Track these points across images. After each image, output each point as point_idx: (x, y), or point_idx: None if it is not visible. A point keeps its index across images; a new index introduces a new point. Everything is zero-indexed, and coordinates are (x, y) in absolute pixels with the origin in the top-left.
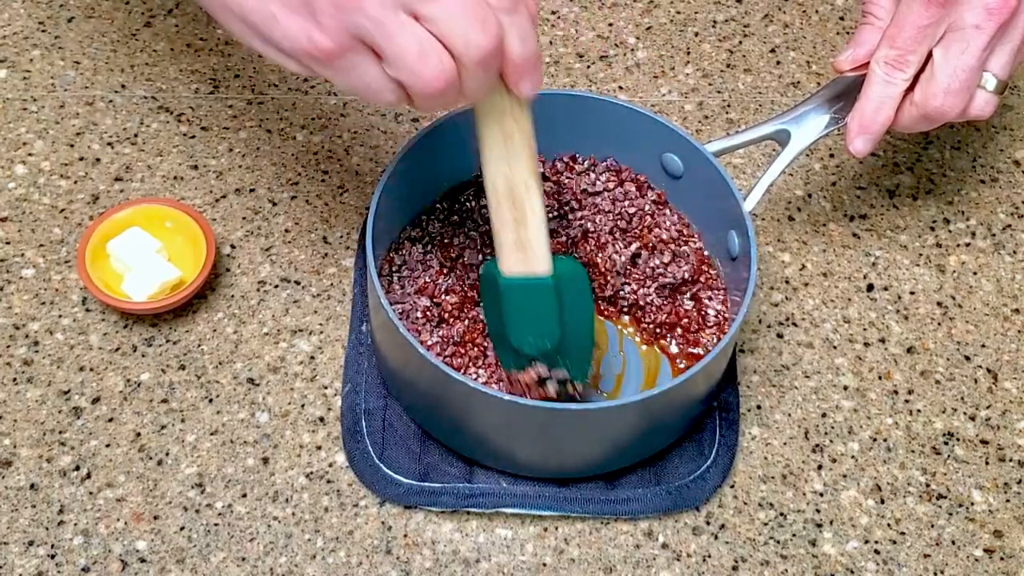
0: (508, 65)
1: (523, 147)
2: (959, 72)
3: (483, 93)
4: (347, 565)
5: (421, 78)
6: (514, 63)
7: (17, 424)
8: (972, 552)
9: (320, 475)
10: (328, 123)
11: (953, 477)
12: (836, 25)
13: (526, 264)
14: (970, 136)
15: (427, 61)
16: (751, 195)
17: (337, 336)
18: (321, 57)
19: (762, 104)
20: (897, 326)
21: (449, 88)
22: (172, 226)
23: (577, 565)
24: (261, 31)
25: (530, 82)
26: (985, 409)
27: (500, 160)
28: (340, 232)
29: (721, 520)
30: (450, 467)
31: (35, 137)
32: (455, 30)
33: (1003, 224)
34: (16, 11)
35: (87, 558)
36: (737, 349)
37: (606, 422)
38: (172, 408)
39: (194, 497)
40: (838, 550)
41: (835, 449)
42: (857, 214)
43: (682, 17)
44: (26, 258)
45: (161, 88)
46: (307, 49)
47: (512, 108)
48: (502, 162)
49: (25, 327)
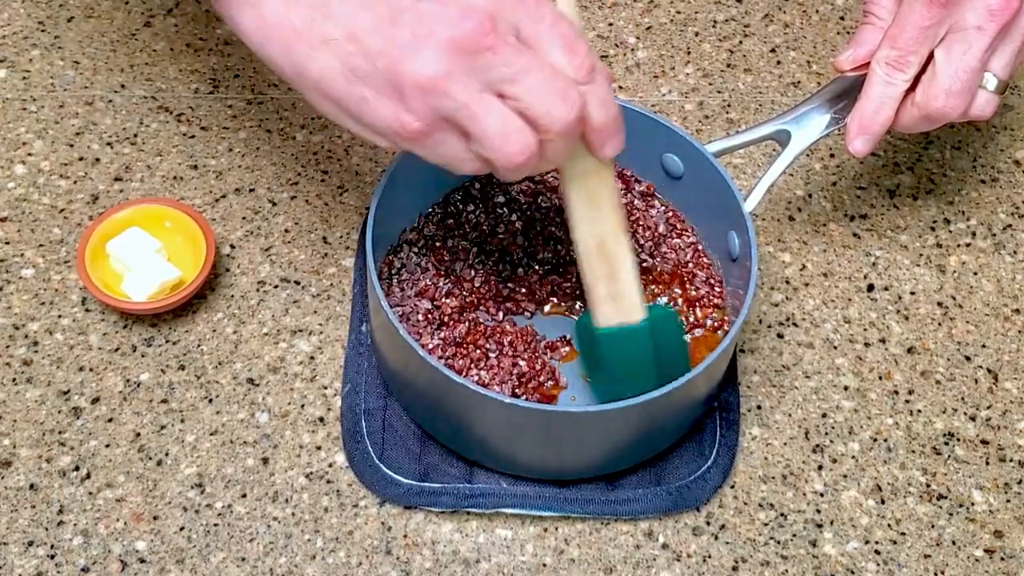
0: (590, 132)
1: (610, 204)
2: (960, 73)
3: (565, 158)
4: (347, 565)
5: (504, 155)
6: (596, 130)
7: (17, 424)
8: (972, 552)
9: (320, 475)
10: (328, 123)
11: (953, 477)
12: (836, 25)
13: (620, 314)
14: (970, 136)
15: (510, 139)
16: (751, 195)
17: (337, 336)
18: (410, 137)
19: (762, 104)
20: (897, 326)
21: (531, 160)
22: (172, 226)
23: (577, 565)
24: (352, 113)
25: (613, 145)
26: (985, 409)
27: (588, 219)
28: (340, 232)
29: (721, 520)
30: (450, 467)
31: (35, 137)
32: (539, 106)
33: (1003, 224)
34: (16, 11)
35: (87, 558)
36: (737, 349)
37: (606, 424)
38: (172, 408)
39: (194, 497)
40: (838, 550)
41: (835, 449)
42: (857, 214)
43: (682, 17)
44: (26, 258)
45: (161, 88)
46: (397, 131)
47: (597, 168)
48: (590, 221)
49: (25, 327)
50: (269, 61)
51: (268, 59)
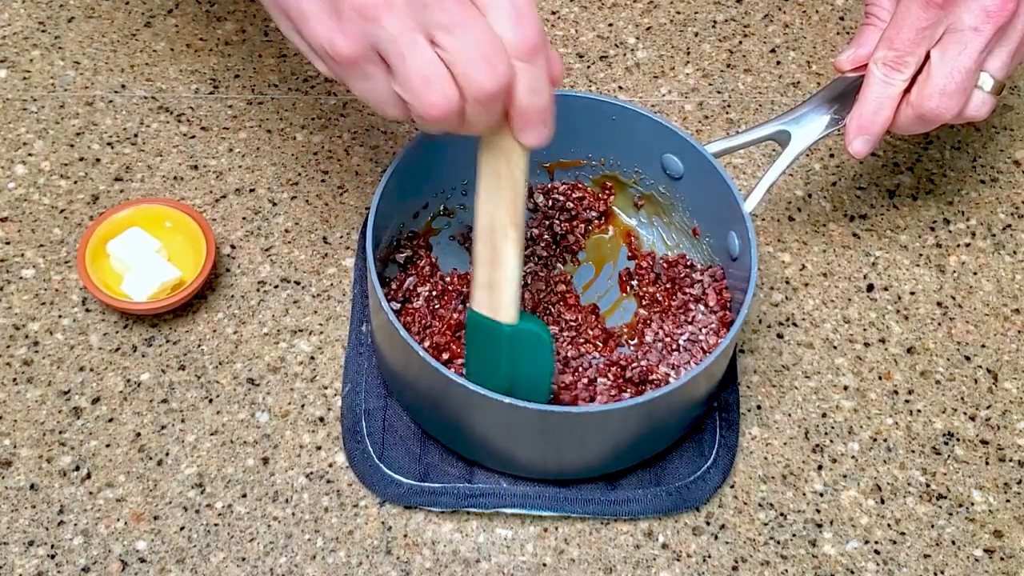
0: (513, 111)
1: (510, 192)
2: (955, 73)
3: (484, 129)
4: (347, 565)
5: (422, 102)
6: (519, 111)
7: (17, 424)
8: (972, 552)
9: (320, 475)
10: (328, 123)
11: (953, 477)
12: (836, 25)
13: (490, 306)
14: (970, 136)
15: (431, 87)
16: (751, 196)
17: (337, 336)
18: (339, 61)
19: (762, 104)
20: (897, 326)
21: (449, 116)
22: (172, 226)
23: (577, 565)
24: (296, 26)
25: (534, 134)
26: (985, 409)
27: (489, 197)
28: (340, 232)
29: (721, 520)
30: (450, 467)
31: (35, 137)
32: (463, 64)
33: (1003, 224)
34: (16, 11)
35: (87, 558)
36: (737, 349)
37: (606, 424)
38: (172, 408)
39: (194, 497)
40: (838, 550)
41: (835, 449)
42: (857, 214)
43: (682, 17)
44: (26, 258)
45: (161, 88)
46: (328, 52)
47: (511, 152)
48: (490, 200)
49: (25, 327)
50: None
51: None
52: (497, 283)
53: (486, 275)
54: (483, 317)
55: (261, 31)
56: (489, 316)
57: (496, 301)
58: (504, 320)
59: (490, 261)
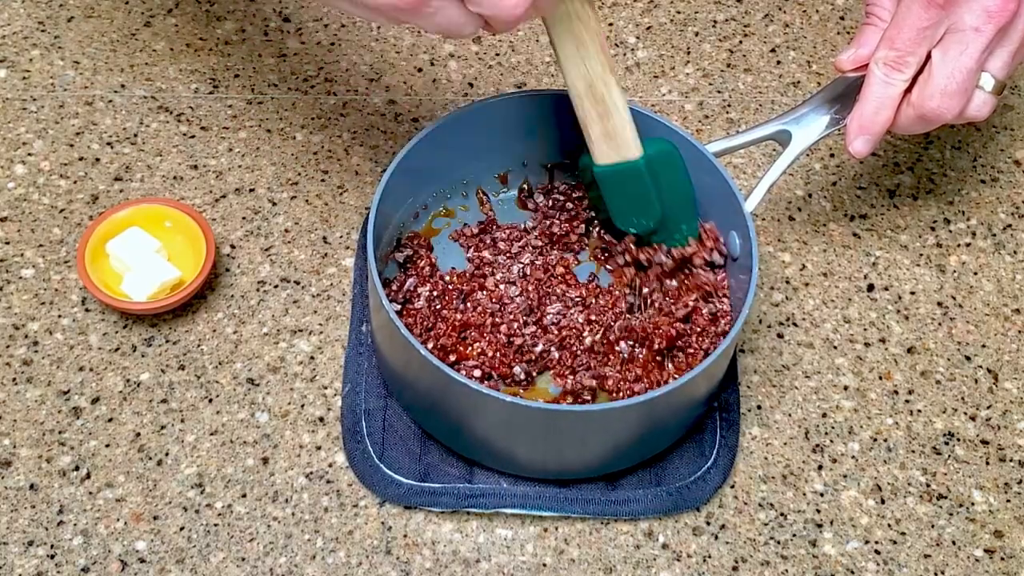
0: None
1: (595, 47)
2: (956, 74)
3: (553, 5)
4: (347, 565)
5: (503, 8)
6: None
7: (17, 424)
8: (972, 552)
9: (320, 475)
10: (328, 123)
11: (953, 477)
12: (836, 25)
13: (618, 153)
14: (970, 136)
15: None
16: (752, 196)
17: (337, 336)
18: (408, 8)
19: (762, 104)
20: (897, 326)
21: (529, 11)
22: (172, 226)
23: (577, 565)
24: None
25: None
26: (985, 409)
27: (575, 63)
28: (340, 232)
29: (721, 520)
30: (450, 467)
31: (35, 137)
32: None
33: (1003, 224)
34: (16, 11)
35: (87, 558)
36: (737, 349)
37: (607, 423)
38: (172, 408)
39: (194, 497)
40: (838, 550)
41: (835, 449)
42: (857, 214)
43: (682, 17)
44: (26, 258)
45: (161, 88)
46: (394, 2)
47: (580, 11)
48: (577, 63)
49: (25, 327)
50: None
51: None
52: (615, 130)
53: (599, 129)
54: (614, 165)
55: (261, 31)
56: (620, 161)
57: (621, 146)
58: (635, 156)
59: (599, 115)
